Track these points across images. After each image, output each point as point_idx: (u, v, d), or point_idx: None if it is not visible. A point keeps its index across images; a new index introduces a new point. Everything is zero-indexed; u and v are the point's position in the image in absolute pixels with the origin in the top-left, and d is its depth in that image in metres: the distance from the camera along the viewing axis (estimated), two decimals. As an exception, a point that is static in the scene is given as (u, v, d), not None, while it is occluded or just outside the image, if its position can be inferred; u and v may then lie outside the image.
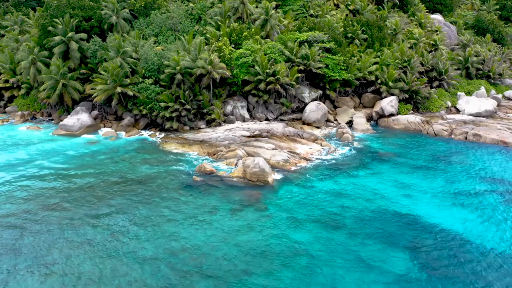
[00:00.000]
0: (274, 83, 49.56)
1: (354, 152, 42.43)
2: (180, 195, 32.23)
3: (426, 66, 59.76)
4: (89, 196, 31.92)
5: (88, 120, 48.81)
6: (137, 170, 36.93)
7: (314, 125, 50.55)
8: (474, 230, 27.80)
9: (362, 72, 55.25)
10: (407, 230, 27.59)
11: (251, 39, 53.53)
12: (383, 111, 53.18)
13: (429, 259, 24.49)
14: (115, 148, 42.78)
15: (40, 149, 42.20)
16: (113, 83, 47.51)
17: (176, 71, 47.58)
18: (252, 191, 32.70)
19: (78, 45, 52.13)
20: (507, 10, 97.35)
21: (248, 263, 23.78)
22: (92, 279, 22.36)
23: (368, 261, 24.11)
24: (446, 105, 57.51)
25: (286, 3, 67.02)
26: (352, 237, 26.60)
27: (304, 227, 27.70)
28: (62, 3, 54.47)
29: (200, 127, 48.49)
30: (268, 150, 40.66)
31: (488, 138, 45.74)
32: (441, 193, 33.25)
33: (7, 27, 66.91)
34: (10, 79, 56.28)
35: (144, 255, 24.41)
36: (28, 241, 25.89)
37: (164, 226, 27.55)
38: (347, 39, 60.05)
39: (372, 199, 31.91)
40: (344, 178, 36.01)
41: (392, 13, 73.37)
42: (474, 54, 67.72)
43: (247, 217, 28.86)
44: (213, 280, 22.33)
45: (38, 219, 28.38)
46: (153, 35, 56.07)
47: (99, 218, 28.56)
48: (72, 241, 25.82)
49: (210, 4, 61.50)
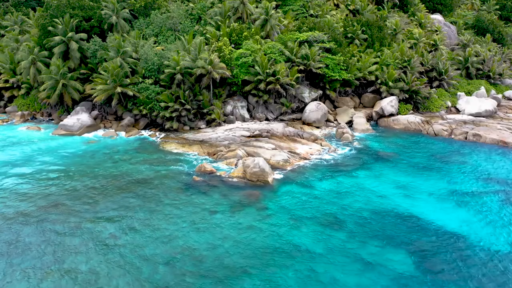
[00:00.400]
0: (274, 83, 49.56)
1: (354, 152, 42.44)
2: (180, 195, 32.24)
3: (426, 66, 59.74)
4: (89, 196, 31.94)
5: (88, 120, 48.82)
6: (137, 170, 36.94)
7: (314, 125, 50.55)
8: (474, 230, 27.80)
9: (362, 72, 55.25)
10: (407, 230, 27.58)
11: (251, 39, 53.53)
12: (383, 111, 53.18)
13: (429, 259, 24.48)
14: (115, 148, 42.79)
15: (40, 149, 42.20)
16: (113, 83, 47.51)
17: (176, 71, 47.59)
18: (252, 191, 32.72)
19: (78, 45, 52.12)
20: (507, 10, 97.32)
21: (248, 262, 23.79)
22: (90, 279, 22.35)
23: (367, 261, 24.11)
24: (446, 105, 57.50)
25: (286, 3, 67.02)
26: (352, 237, 26.61)
27: (304, 227, 27.71)
28: (62, 3, 54.47)
29: (200, 127, 48.49)
30: (268, 150, 40.66)
31: (488, 138, 45.74)
32: (441, 193, 33.25)
33: (7, 27, 66.89)
34: (10, 79, 56.27)
35: (143, 255, 24.41)
36: (27, 241, 25.86)
37: (163, 226, 27.57)
38: (347, 39, 60.06)
39: (372, 199, 31.91)
40: (344, 178, 36.01)
41: (392, 13, 73.34)
42: (474, 54, 67.70)
43: (247, 216, 28.87)
44: (213, 280, 22.34)
45: (38, 218, 28.38)
46: (153, 35, 56.08)
47: (99, 218, 28.56)
48: (72, 241, 25.82)
49: (210, 4, 61.51)
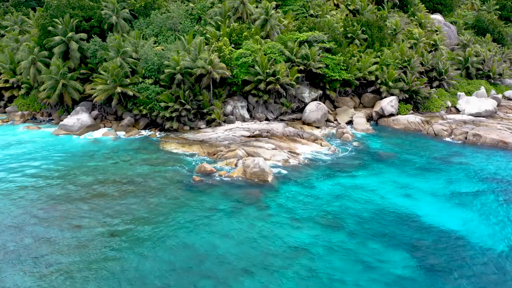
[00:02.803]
0: (274, 83, 49.56)
1: (354, 152, 42.43)
2: (180, 195, 32.25)
3: (426, 66, 59.73)
4: (89, 195, 31.94)
5: (88, 120, 48.82)
6: (137, 170, 36.95)
7: (314, 125, 50.54)
8: (474, 230, 27.82)
9: (362, 72, 55.24)
10: (407, 229, 27.60)
11: (251, 39, 53.53)
12: (383, 111, 53.18)
13: (429, 259, 24.49)
14: (115, 148, 42.79)
15: (40, 149, 42.19)
16: (113, 83, 47.50)
17: (176, 71, 47.59)
18: (252, 191, 32.73)
19: (78, 45, 52.10)
20: (507, 10, 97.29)
21: (248, 262, 23.80)
22: (90, 278, 22.37)
23: (367, 260, 24.13)
24: (446, 105, 57.50)
25: (286, 3, 67.00)
26: (352, 236, 26.63)
27: (304, 226, 27.72)
28: (62, 3, 54.46)
29: (200, 127, 48.49)
30: (268, 150, 40.67)
31: (488, 138, 45.73)
32: (441, 193, 33.26)
33: (7, 27, 66.88)
34: (10, 79, 56.25)
35: (143, 255, 24.43)
36: (26, 241, 25.89)
37: (164, 226, 27.57)
38: (347, 39, 60.05)
39: (372, 199, 31.93)
40: (344, 178, 36.02)
41: (392, 13, 73.32)
42: (474, 54, 67.67)
43: (247, 216, 28.90)
44: (213, 279, 22.35)
45: (37, 218, 28.38)
46: (153, 35, 56.06)
47: (99, 218, 28.56)
48: (71, 241, 25.83)
49: (210, 4, 61.50)
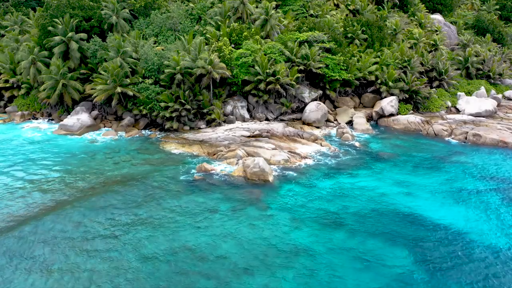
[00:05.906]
0: (274, 83, 49.56)
1: (354, 152, 42.43)
2: (180, 194, 32.24)
3: (426, 66, 59.72)
4: (89, 195, 31.92)
5: (88, 120, 48.81)
6: (137, 170, 36.94)
7: (314, 125, 50.53)
8: (474, 229, 27.83)
9: (362, 72, 55.24)
10: (407, 229, 27.61)
11: (251, 39, 53.52)
12: (383, 111, 53.18)
13: (430, 257, 24.51)
14: (115, 148, 42.78)
15: (40, 149, 42.18)
16: (113, 83, 47.49)
17: (176, 71, 47.58)
18: (252, 191, 32.74)
19: (78, 45, 52.09)
20: (507, 10, 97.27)
21: (249, 262, 23.80)
22: (90, 278, 22.36)
23: (368, 259, 24.13)
24: (446, 105, 57.50)
25: (286, 3, 67.01)
26: (353, 236, 26.63)
27: (304, 226, 27.72)
28: (62, 3, 54.44)
29: (200, 127, 48.48)
30: (268, 150, 40.66)
31: (488, 138, 45.73)
32: (441, 193, 33.27)
33: (7, 27, 66.86)
34: (10, 79, 56.23)
35: (144, 254, 24.42)
36: (26, 241, 25.87)
37: (164, 226, 27.56)
38: (347, 39, 60.04)
39: (372, 199, 31.93)
40: (344, 177, 36.02)
41: (392, 13, 73.32)
42: (474, 54, 67.67)
43: (247, 216, 28.89)
44: (214, 279, 22.34)
45: (37, 218, 28.38)
46: (153, 35, 56.05)
47: (99, 218, 28.55)
48: (71, 241, 25.83)
49: (210, 4, 61.50)
